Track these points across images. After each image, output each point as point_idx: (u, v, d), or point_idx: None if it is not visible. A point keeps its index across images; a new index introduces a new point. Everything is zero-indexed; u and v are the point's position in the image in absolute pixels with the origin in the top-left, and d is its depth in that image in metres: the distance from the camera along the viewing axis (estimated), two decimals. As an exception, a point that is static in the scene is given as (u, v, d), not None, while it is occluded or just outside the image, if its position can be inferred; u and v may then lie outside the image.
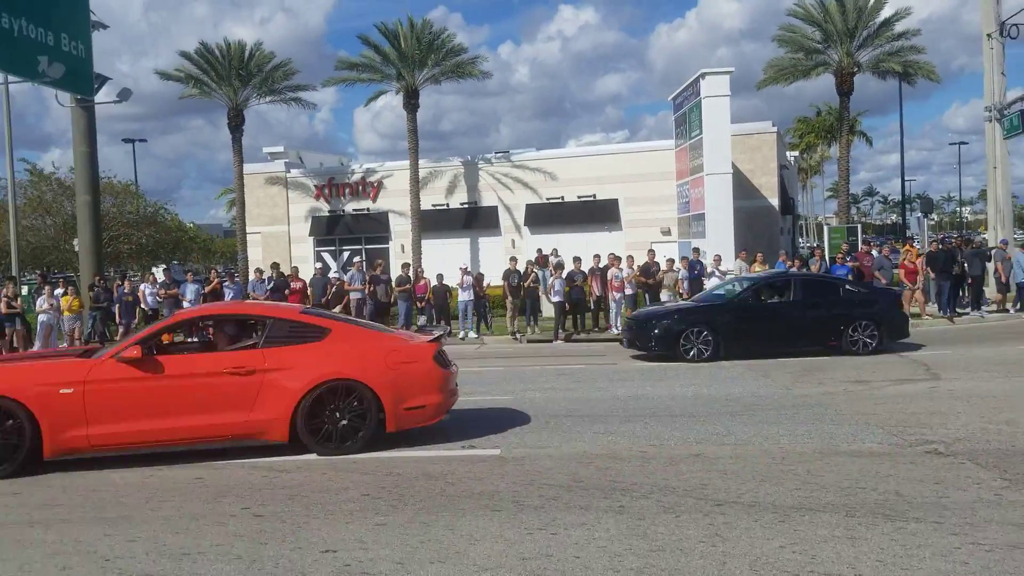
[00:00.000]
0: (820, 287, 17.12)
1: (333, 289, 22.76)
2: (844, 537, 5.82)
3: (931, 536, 5.80)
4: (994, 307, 22.63)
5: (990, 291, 23.24)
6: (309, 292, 22.81)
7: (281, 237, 42.41)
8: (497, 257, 36.22)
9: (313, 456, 8.73)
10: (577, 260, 22.59)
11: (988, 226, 26.43)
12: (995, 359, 14.43)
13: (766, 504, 6.63)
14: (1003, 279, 22.16)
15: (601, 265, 22.24)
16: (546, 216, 38.67)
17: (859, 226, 35.74)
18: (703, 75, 29.28)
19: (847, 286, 17.11)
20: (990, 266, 22.90)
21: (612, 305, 21.84)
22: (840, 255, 22.67)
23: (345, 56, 38.26)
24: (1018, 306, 22.02)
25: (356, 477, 7.91)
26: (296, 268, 26.28)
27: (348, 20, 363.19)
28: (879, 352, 15.71)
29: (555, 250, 26.27)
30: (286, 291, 22.30)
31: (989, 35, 24.92)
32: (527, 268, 22.70)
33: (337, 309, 20.93)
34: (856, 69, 36.70)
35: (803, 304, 16.29)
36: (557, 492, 7.16)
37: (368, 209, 41.33)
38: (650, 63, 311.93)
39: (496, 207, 39.75)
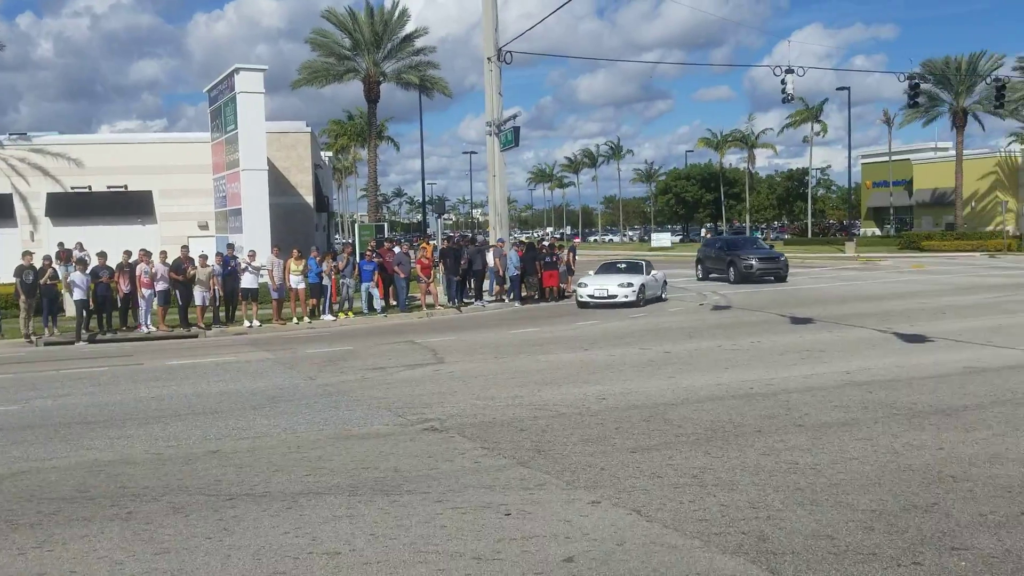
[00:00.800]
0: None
1: None
2: (345, 516, 6.18)
3: (419, 506, 6.41)
4: (493, 298, 25.44)
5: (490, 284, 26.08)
6: None
7: None
8: (12, 251, 31.92)
9: None
10: (102, 255, 20.83)
11: (490, 226, 29.58)
12: (490, 343, 16.26)
13: (276, 493, 6.79)
14: (500, 273, 25.01)
15: (132, 260, 20.76)
16: (71, 207, 34.89)
17: (386, 224, 37.68)
18: (237, 70, 28.68)
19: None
20: (491, 261, 25.72)
21: (142, 303, 20.52)
22: (368, 251, 23.78)
23: None
24: (511, 296, 25.02)
25: None
26: None
27: None
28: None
29: (79, 244, 23.88)
30: None
31: (489, 59, 27.81)
32: (44, 263, 20.39)
33: None
34: (382, 78, 38.65)
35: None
36: (59, 506, 6.61)
37: None
38: (189, 52, 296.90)
39: (10, 195, 34.92)
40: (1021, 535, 5.39)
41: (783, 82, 31.10)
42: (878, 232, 73.61)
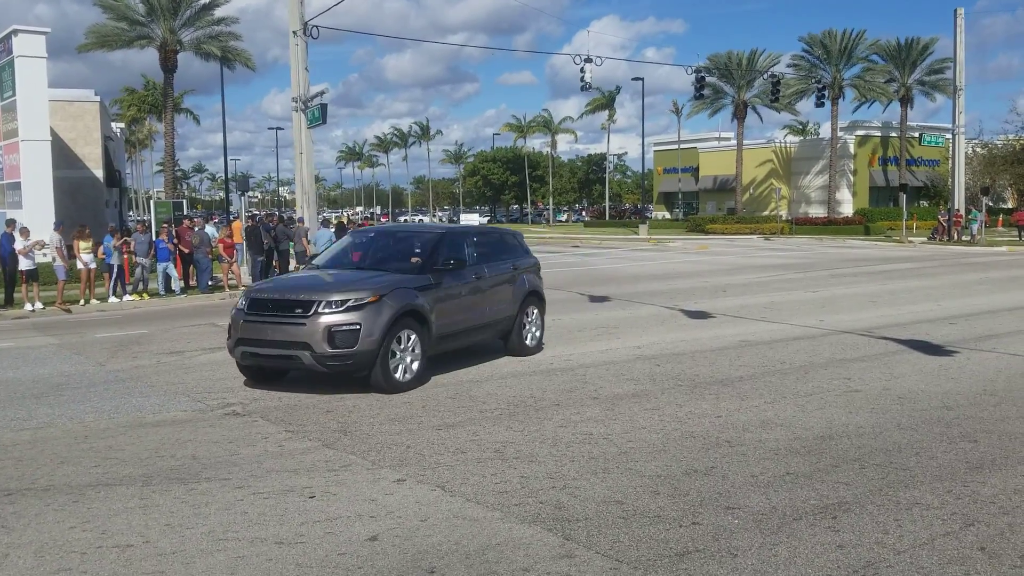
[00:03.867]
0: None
1: None
2: (138, 507, 5.87)
3: (219, 493, 6.18)
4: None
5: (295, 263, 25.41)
6: None
7: None
8: None
9: None
10: None
11: (297, 205, 28.75)
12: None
13: (62, 486, 6.34)
14: (307, 253, 24.39)
15: None
16: None
17: (185, 201, 35.80)
18: (16, 32, 26.24)
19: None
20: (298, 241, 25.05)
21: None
22: (164, 230, 22.49)
23: None
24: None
25: None
26: None
27: None
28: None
29: None
30: None
31: (295, 32, 26.89)
32: None
33: None
34: (180, 47, 36.55)
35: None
36: None
37: None
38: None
39: None
40: (786, 493, 5.93)
41: (582, 71, 32.17)
42: (668, 216, 77.86)
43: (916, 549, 4.90)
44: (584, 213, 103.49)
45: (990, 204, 47.25)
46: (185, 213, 30.82)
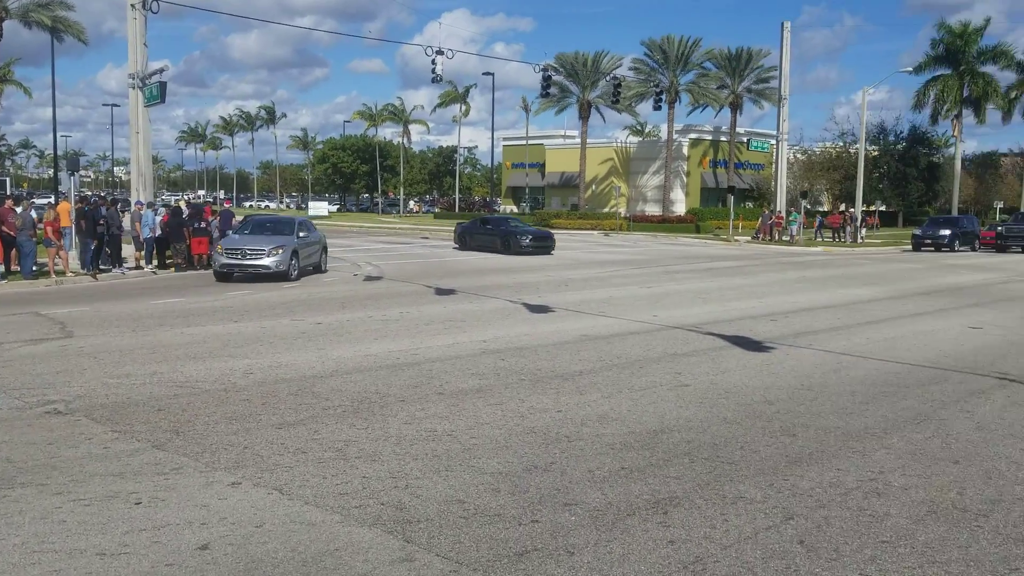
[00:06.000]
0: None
1: None
2: (-62, 519, 5.28)
3: (35, 500, 5.67)
4: (134, 264, 23.37)
5: (129, 249, 23.95)
6: None
7: None
8: None
9: None
10: None
11: (132, 187, 27.08)
12: (128, 315, 14.88)
13: None
14: (140, 238, 23.04)
15: None
16: None
17: (8, 179, 33.01)
18: None
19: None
20: (127, 224, 23.64)
21: None
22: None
23: None
24: (153, 263, 23.22)
25: None
26: None
27: None
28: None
29: None
30: None
31: (133, 6, 25.27)
32: None
33: None
34: (5, 14, 33.66)
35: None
36: None
37: None
38: None
39: None
40: (621, 488, 6.03)
41: (433, 62, 31.99)
42: (515, 210, 78.73)
43: (741, 543, 5.09)
44: (435, 205, 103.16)
45: (808, 207, 50.47)
46: (8, 192, 28.46)
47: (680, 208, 64.61)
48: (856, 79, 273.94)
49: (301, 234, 22.27)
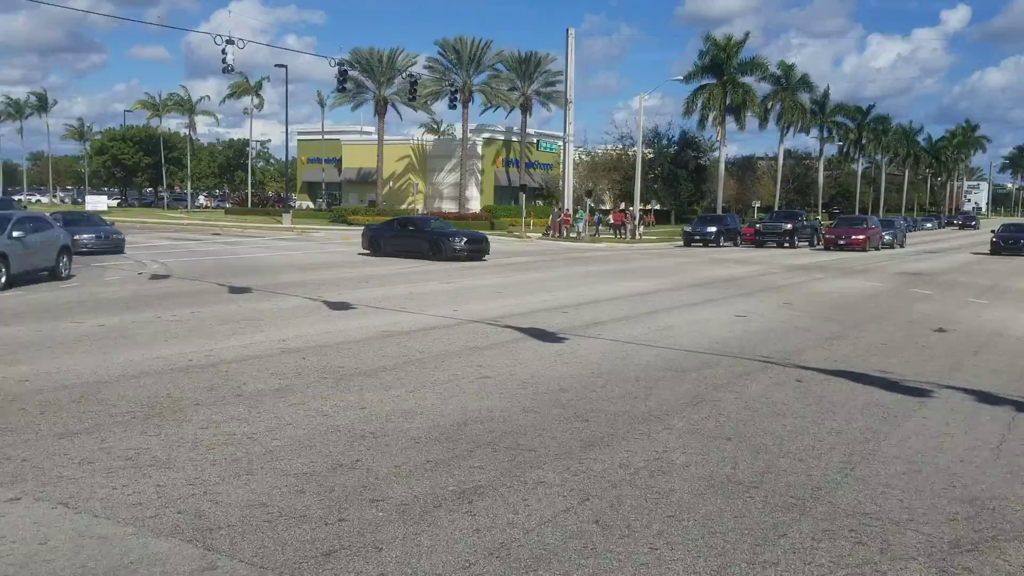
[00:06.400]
0: None
1: None
2: None
3: None
4: None
5: None
6: None
7: None
8: None
9: None
10: None
11: None
12: None
13: None
14: None
15: None
16: None
17: None
18: None
19: None
20: None
21: None
22: None
23: None
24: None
25: None
26: None
27: None
28: None
29: None
30: None
31: None
32: None
33: None
34: None
35: None
36: None
37: None
38: None
39: None
40: (427, 481, 6.09)
41: (223, 52, 30.57)
42: (312, 206, 76.89)
43: (542, 527, 5.30)
44: (225, 200, 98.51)
45: (592, 205, 52.94)
46: None
47: (475, 205, 65.69)
48: (633, 86, 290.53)
49: (16, 233, 17.85)
